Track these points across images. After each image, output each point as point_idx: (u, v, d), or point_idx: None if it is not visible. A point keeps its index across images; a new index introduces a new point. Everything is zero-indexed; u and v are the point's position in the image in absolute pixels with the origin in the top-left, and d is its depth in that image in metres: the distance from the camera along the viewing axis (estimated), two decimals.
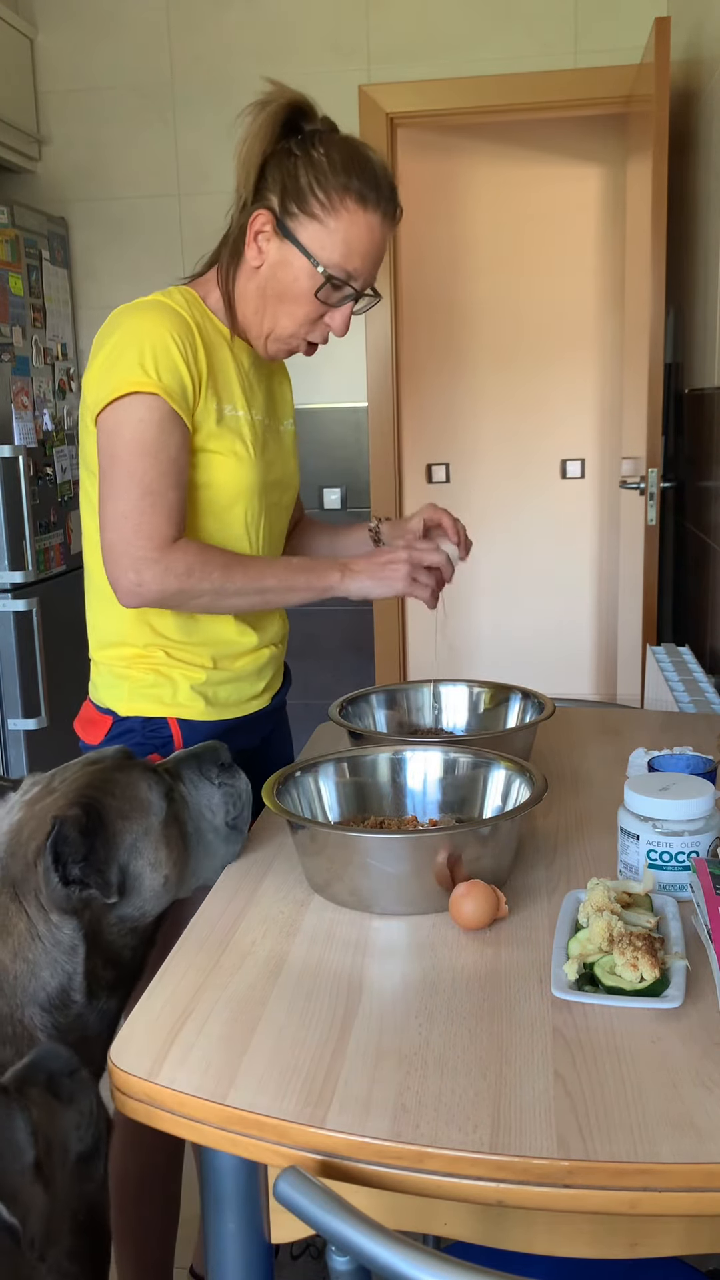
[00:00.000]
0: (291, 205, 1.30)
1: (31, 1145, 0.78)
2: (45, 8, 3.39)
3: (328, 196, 1.29)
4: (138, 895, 1.06)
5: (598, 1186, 0.70)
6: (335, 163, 1.29)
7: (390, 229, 1.35)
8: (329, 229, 1.30)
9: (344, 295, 1.34)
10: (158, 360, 1.26)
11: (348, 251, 1.30)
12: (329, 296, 1.33)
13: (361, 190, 1.29)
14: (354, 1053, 0.83)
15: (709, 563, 2.74)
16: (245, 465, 1.36)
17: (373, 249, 1.33)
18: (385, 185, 1.32)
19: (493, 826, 1.05)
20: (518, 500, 4.42)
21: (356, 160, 1.31)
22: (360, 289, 1.35)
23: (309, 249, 1.30)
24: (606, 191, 4.14)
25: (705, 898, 0.95)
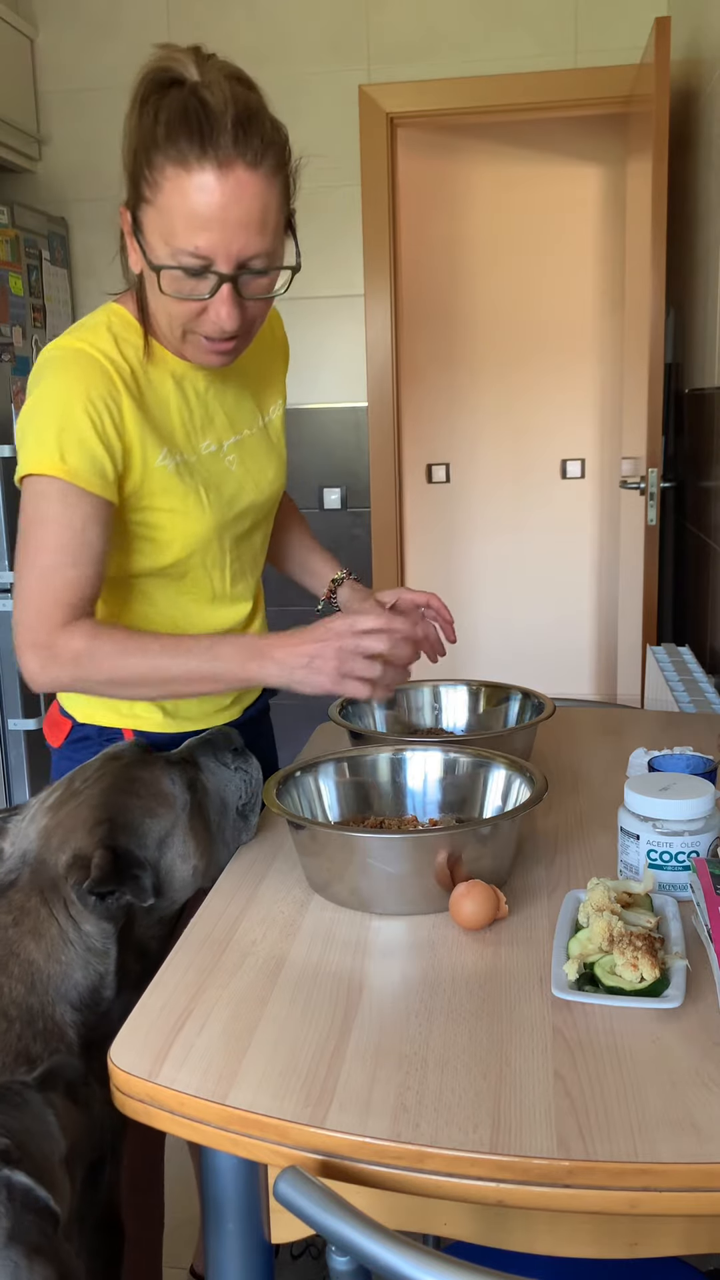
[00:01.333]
0: (134, 194, 1.11)
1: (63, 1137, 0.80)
2: (45, 8, 3.39)
3: (150, 172, 1.07)
4: (170, 889, 1.08)
5: (598, 1186, 0.70)
6: (160, 125, 1.06)
7: (248, 177, 1.06)
8: (160, 210, 1.08)
9: (208, 283, 1.10)
10: (63, 442, 1.12)
11: (179, 229, 1.07)
12: (185, 287, 1.10)
13: (182, 148, 1.04)
14: (354, 1053, 0.83)
15: (709, 563, 2.74)
16: (193, 518, 1.24)
17: (215, 215, 1.05)
18: (217, 128, 1.04)
19: (493, 826, 1.05)
20: (518, 500, 4.42)
21: (183, 113, 1.05)
22: (228, 269, 1.09)
23: (146, 240, 1.11)
24: (606, 191, 4.14)
25: (705, 898, 0.95)
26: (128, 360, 1.19)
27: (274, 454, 1.39)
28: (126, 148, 1.10)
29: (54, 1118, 0.81)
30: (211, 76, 1.07)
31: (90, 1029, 1.00)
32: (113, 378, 1.16)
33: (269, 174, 1.08)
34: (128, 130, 1.11)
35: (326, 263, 3.41)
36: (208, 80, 1.07)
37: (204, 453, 1.27)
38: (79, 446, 1.13)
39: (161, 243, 1.09)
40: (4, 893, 1.03)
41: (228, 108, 1.05)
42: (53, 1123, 0.80)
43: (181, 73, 1.07)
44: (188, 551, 1.26)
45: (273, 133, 1.09)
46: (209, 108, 1.05)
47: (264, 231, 1.09)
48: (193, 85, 1.06)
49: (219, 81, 1.07)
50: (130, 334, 1.20)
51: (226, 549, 1.32)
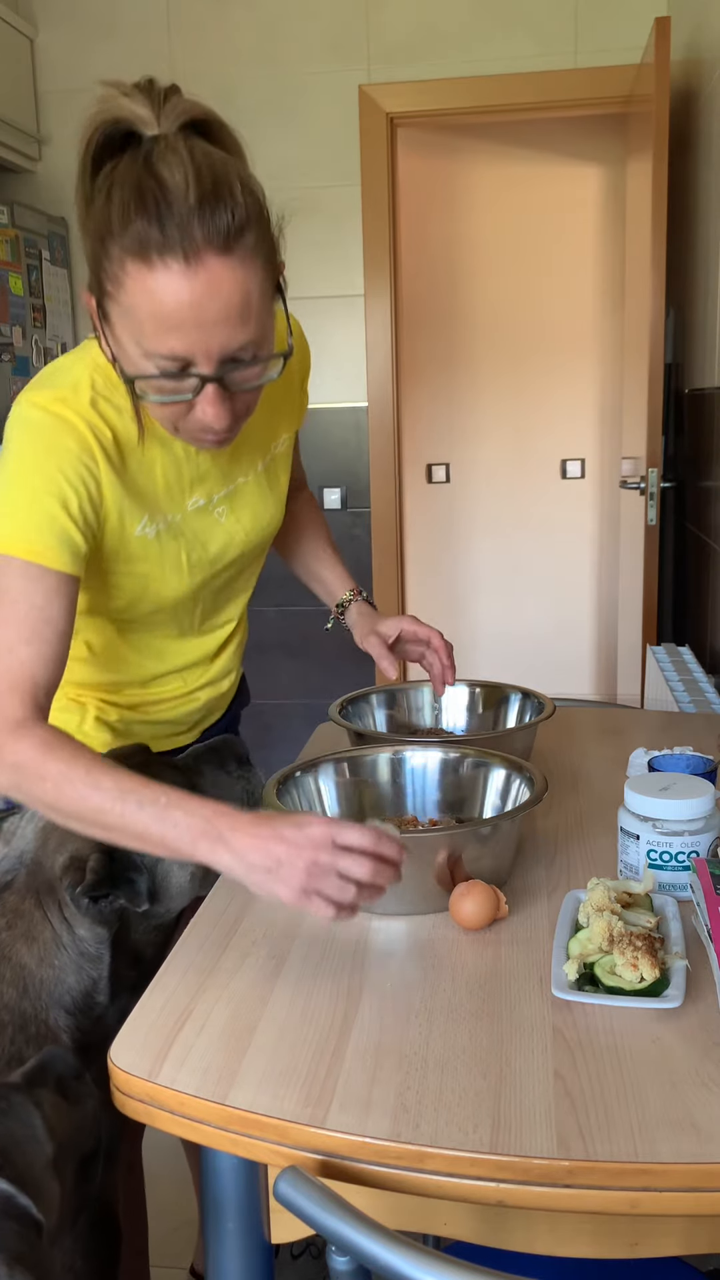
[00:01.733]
0: (97, 283, 0.98)
1: (50, 1139, 0.79)
2: (45, 8, 3.39)
3: (110, 264, 0.94)
4: (166, 895, 1.07)
5: (598, 1186, 0.70)
6: (114, 208, 0.92)
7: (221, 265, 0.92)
8: (125, 310, 0.95)
9: (189, 383, 0.98)
10: (31, 520, 1.03)
11: (149, 331, 0.94)
12: (166, 389, 0.99)
13: (142, 239, 0.91)
14: (354, 1053, 0.83)
15: (709, 563, 2.74)
16: (169, 584, 1.18)
17: (188, 315, 0.93)
18: (178, 214, 0.90)
19: (493, 826, 1.05)
20: (518, 500, 4.42)
21: (140, 194, 0.91)
22: (211, 369, 0.96)
23: (116, 340, 0.99)
24: (606, 191, 4.14)
25: (705, 898, 0.95)
26: (109, 424, 1.08)
27: (274, 490, 1.29)
28: (81, 226, 0.99)
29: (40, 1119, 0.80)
30: (168, 128, 0.94)
31: (84, 1034, 1.00)
32: (92, 448, 1.06)
33: (246, 255, 0.94)
34: (79, 201, 0.98)
35: (326, 263, 3.41)
36: (164, 141, 0.93)
37: (190, 510, 1.19)
38: (48, 524, 1.03)
39: (132, 343, 0.97)
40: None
41: (189, 184, 0.91)
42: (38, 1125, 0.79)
43: (135, 124, 0.94)
44: (157, 609, 1.21)
45: (245, 202, 0.94)
46: (166, 187, 0.91)
47: (246, 321, 0.96)
48: (146, 153, 0.93)
49: (176, 145, 0.93)
50: (114, 394, 1.08)
51: (201, 599, 1.26)
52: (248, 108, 3.33)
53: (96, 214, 0.95)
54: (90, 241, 0.96)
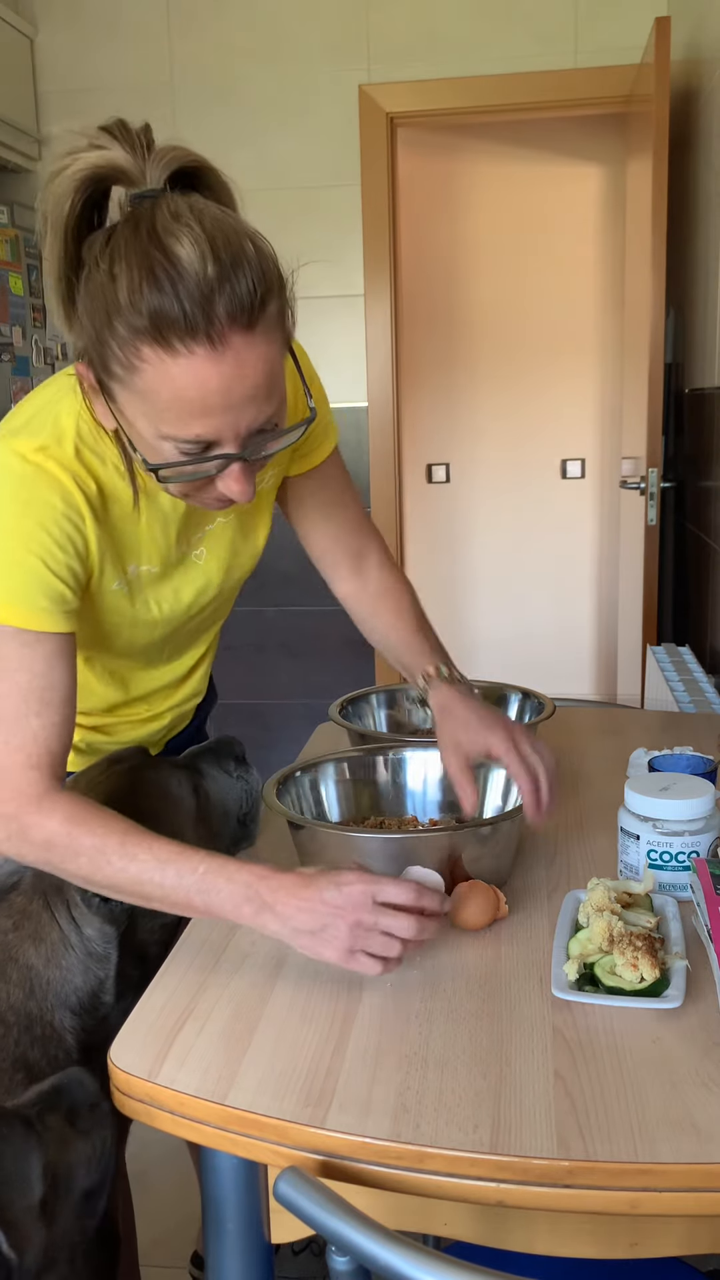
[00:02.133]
0: (99, 361, 0.91)
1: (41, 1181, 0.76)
2: (45, 8, 3.39)
3: (122, 350, 0.87)
4: None
5: (598, 1186, 0.70)
6: (120, 287, 0.85)
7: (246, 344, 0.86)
8: (139, 395, 0.89)
9: (213, 461, 0.92)
10: (19, 585, 0.98)
11: (171, 419, 0.89)
12: (189, 469, 0.93)
13: (157, 322, 0.84)
14: (354, 1053, 0.83)
15: (709, 563, 2.74)
16: (140, 630, 1.16)
17: (214, 401, 0.87)
18: (199, 293, 0.83)
19: (493, 826, 1.05)
20: (518, 500, 4.42)
21: (152, 275, 0.83)
22: (237, 448, 0.91)
23: (125, 418, 0.93)
24: (606, 191, 4.14)
25: (705, 898, 0.95)
26: (94, 475, 1.02)
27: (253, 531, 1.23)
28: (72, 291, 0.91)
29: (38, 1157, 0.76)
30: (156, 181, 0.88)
31: (89, 1034, 1.00)
32: (77, 503, 1.01)
33: (269, 327, 0.88)
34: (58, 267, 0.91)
35: (326, 263, 3.41)
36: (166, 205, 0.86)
37: (173, 559, 1.15)
38: (38, 587, 0.98)
39: (148, 427, 0.91)
40: (5, 895, 1.02)
41: (205, 259, 0.84)
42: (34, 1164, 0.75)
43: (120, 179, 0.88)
44: (126, 652, 1.19)
45: (260, 266, 0.87)
46: (180, 263, 0.83)
47: (271, 396, 0.91)
48: (148, 222, 0.85)
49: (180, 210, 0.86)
50: (103, 446, 1.02)
51: (171, 640, 1.23)
52: (248, 108, 3.33)
53: (97, 289, 0.87)
54: (90, 317, 0.88)
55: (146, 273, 0.84)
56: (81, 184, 0.88)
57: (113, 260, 0.86)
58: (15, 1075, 0.94)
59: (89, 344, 0.90)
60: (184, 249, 0.83)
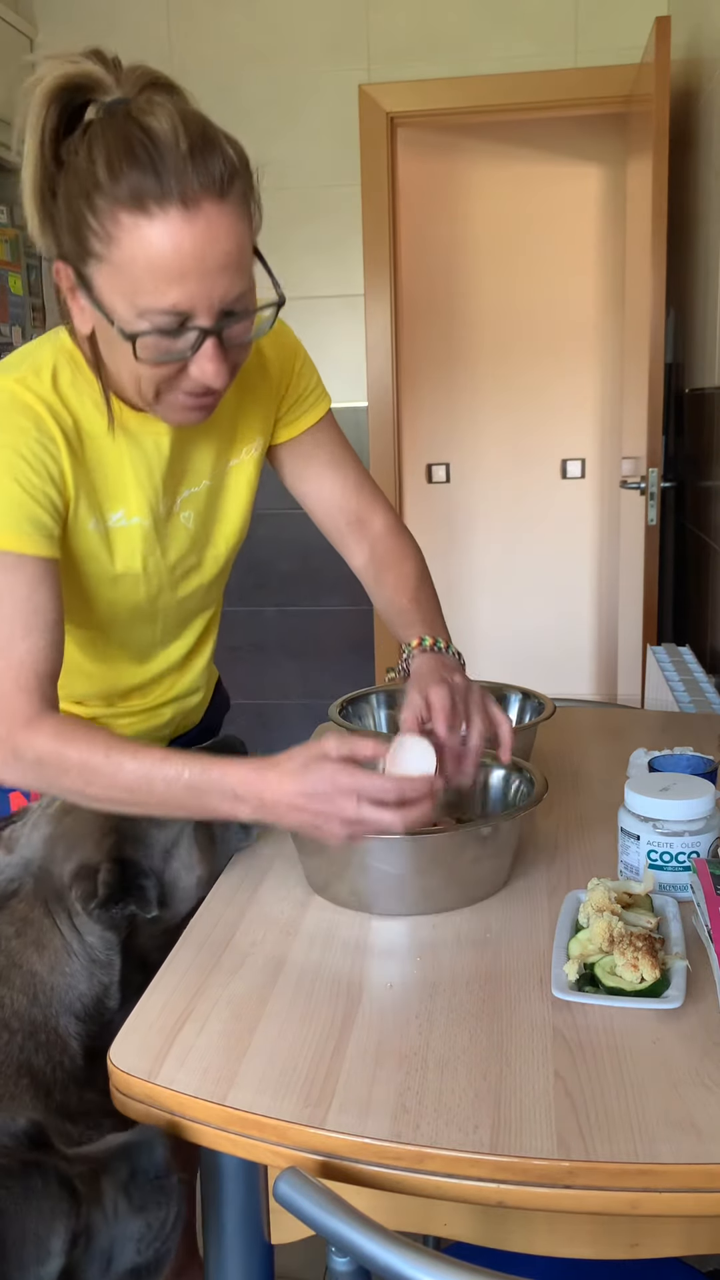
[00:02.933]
0: (76, 247, 0.95)
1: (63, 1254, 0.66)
2: (45, 8, 3.39)
3: (100, 223, 0.91)
4: (174, 900, 1.07)
5: (598, 1187, 0.70)
6: (99, 166, 0.90)
7: (217, 211, 0.91)
8: (117, 267, 0.92)
9: (187, 339, 0.95)
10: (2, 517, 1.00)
11: (147, 286, 0.92)
12: (162, 349, 0.96)
13: (135, 191, 0.89)
14: (354, 1053, 0.83)
15: (709, 563, 2.74)
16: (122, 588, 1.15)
17: (189, 264, 0.91)
18: (172, 160, 0.89)
19: (493, 826, 1.05)
20: (518, 500, 4.42)
21: (126, 146, 0.89)
22: (210, 321, 0.94)
23: (105, 303, 0.95)
24: (606, 191, 4.14)
25: (705, 898, 0.95)
26: (70, 410, 1.05)
27: (234, 504, 1.24)
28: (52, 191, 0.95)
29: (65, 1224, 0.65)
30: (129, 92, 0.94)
31: (93, 1039, 0.99)
32: (52, 432, 1.03)
33: (238, 202, 0.94)
34: (38, 169, 0.95)
35: (326, 263, 3.41)
36: (141, 96, 0.93)
37: (159, 513, 1.15)
38: (15, 509, 1.00)
39: (125, 303, 0.93)
40: (6, 902, 1.02)
41: (178, 133, 0.90)
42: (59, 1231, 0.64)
43: (95, 89, 0.94)
44: (111, 619, 1.17)
45: (233, 151, 0.94)
46: (156, 136, 0.89)
47: (242, 270, 0.95)
48: (124, 108, 0.92)
49: (153, 98, 0.93)
50: (81, 382, 1.06)
51: (161, 615, 1.22)
52: (248, 107, 3.33)
53: (77, 173, 0.92)
54: (69, 203, 0.93)
55: (124, 147, 0.89)
56: (58, 92, 0.93)
57: (91, 145, 0.91)
58: (20, 1081, 0.93)
59: (68, 233, 0.94)
60: (159, 124, 0.90)
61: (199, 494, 1.19)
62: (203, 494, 1.20)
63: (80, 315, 1.01)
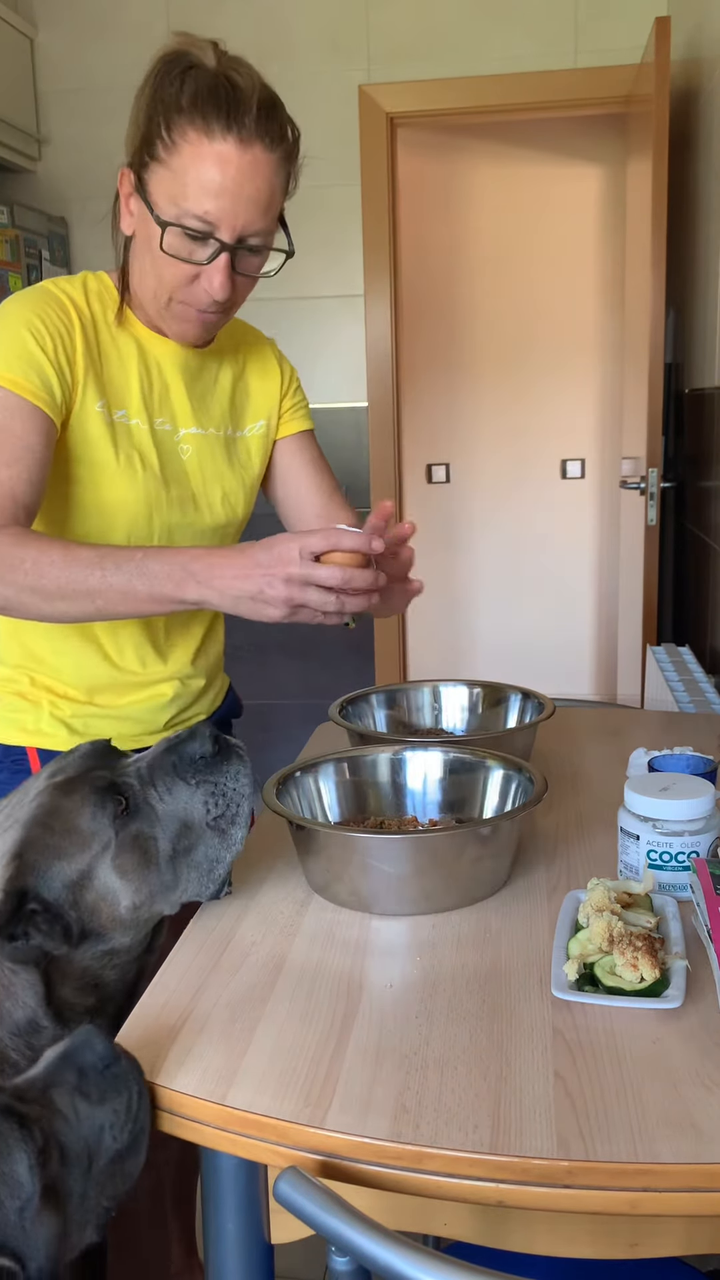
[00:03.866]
0: (144, 154, 1.14)
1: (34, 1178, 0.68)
2: (45, 8, 3.39)
3: (169, 133, 1.11)
4: (97, 931, 0.96)
5: (598, 1187, 0.70)
6: (185, 95, 1.10)
7: (265, 158, 1.12)
8: (173, 171, 1.12)
9: (208, 249, 1.14)
10: (8, 355, 1.13)
11: (191, 191, 1.11)
12: (185, 250, 1.14)
13: (206, 117, 1.09)
14: (354, 1053, 0.83)
15: (709, 563, 2.74)
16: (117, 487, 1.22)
17: (229, 185, 1.10)
18: (244, 107, 1.10)
19: (493, 826, 1.05)
20: (518, 500, 4.42)
21: (212, 88, 1.10)
22: (230, 239, 1.13)
23: (152, 198, 1.14)
24: (606, 191, 4.14)
25: (705, 898, 0.95)
26: (92, 311, 1.22)
27: (236, 471, 1.34)
28: (140, 112, 1.14)
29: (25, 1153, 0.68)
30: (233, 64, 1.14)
31: (35, 1051, 0.93)
32: (70, 314, 1.19)
33: (281, 161, 1.14)
34: (142, 98, 1.14)
35: (326, 263, 3.41)
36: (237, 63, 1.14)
37: (157, 427, 1.26)
38: (25, 360, 1.14)
39: (169, 202, 1.12)
40: None
41: (254, 91, 1.11)
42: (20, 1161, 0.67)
43: (200, 59, 1.12)
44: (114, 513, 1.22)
45: (289, 126, 1.15)
46: (238, 88, 1.10)
47: (268, 212, 1.15)
48: (218, 63, 1.12)
49: (244, 67, 1.14)
50: (105, 294, 1.24)
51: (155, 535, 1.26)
52: None
53: (164, 99, 1.11)
54: (148, 114, 1.12)
55: (210, 88, 1.10)
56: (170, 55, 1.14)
57: (183, 81, 1.11)
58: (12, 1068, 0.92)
59: (141, 140, 1.13)
60: (242, 80, 1.12)
61: (202, 438, 1.30)
62: (207, 441, 1.30)
63: (127, 219, 1.19)
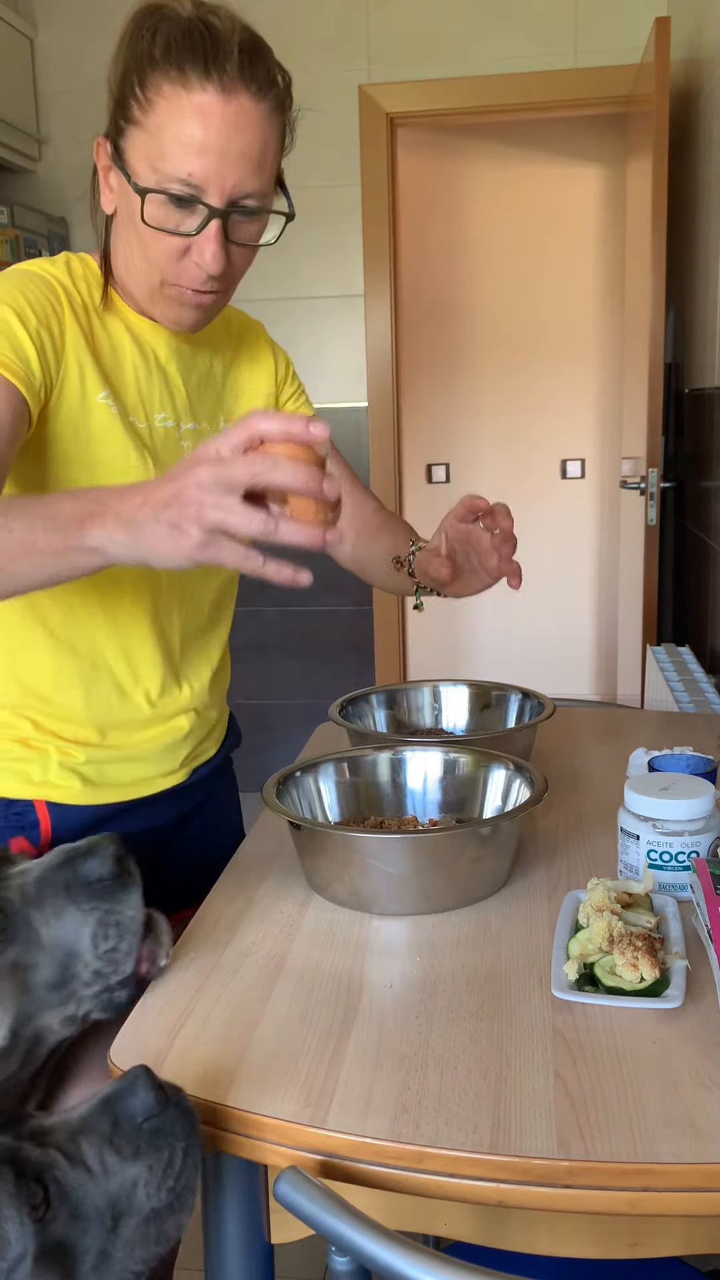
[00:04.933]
0: (118, 119, 1.01)
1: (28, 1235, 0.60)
2: (45, 8, 3.39)
3: (143, 90, 0.98)
4: None
5: (598, 1187, 0.70)
6: (158, 46, 0.97)
7: (252, 107, 0.98)
8: (149, 132, 0.98)
9: (196, 216, 1.00)
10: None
11: (172, 152, 0.97)
12: (170, 220, 1.00)
13: (184, 66, 0.96)
14: (354, 1053, 0.83)
15: (709, 563, 2.74)
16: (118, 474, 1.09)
17: (213, 140, 0.96)
18: (224, 51, 0.96)
19: (493, 826, 1.05)
20: (518, 500, 4.40)
21: (187, 32, 0.97)
22: (220, 202, 0.99)
23: (130, 166, 1.00)
24: (606, 191, 4.14)
25: (705, 898, 0.95)
26: (80, 294, 1.09)
27: None
28: (113, 73, 1.02)
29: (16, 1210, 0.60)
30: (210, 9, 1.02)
31: None
32: (59, 295, 1.06)
33: (271, 110, 1.00)
34: (116, 58, 1.02)
35: (326, 263, 3.41)
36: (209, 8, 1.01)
37: (157, 424, 1.14)
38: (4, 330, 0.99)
39: (148, 168, 0.99)
40: None
41: (234, 33, 0.98)
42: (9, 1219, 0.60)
43: (174, 8, 1.00)
44: None
45: (278, 71, 1.03)
46: (216, 31, 0.97)
47: (261, 170, 1.00)
48: (196, 7, 0.99)
49: (223, 10, 1.01)
50: (91, 277, 1.11)
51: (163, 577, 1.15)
52: None
53: (136, 49, 0.98)
54: (122, 74, 1.00)
55: (184, 34, 0.97)
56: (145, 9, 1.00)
57: (156, 30, 0.98)
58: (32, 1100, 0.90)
59: (115, 104, 1.01)
60: (220, 22, 0.98)
61: (200, 433, 1.19)
62: (204, 435, 1.19)
63: (107, 195, 1.06)
